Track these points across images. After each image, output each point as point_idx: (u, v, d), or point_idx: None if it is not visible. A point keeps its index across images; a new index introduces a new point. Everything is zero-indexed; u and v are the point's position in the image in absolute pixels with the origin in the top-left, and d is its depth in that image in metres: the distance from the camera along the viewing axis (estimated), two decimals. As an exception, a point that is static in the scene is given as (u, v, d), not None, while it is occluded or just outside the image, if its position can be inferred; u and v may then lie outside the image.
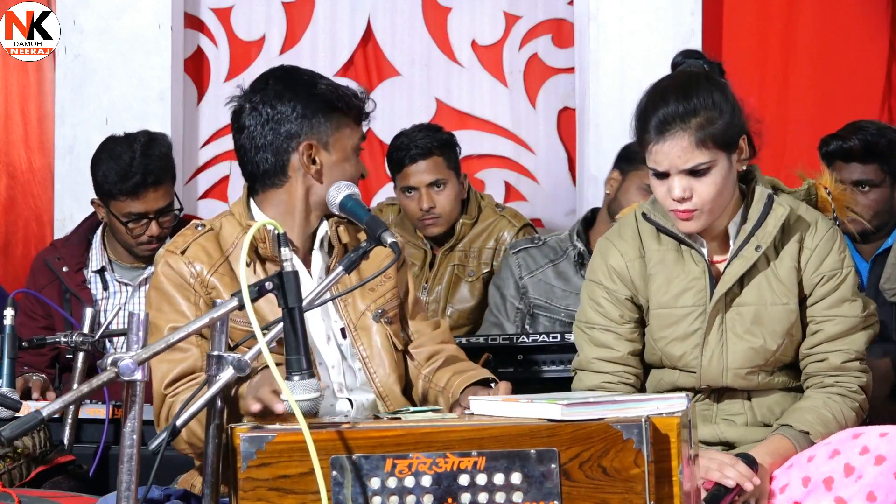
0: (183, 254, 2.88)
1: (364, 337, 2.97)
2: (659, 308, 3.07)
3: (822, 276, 3.05)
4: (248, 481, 2.33)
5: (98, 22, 5.15)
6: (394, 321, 3.03)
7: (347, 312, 2.98)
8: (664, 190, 2.97)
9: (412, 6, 5.44)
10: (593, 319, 3.12)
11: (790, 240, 3.05)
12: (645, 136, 2.97)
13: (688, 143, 2.92)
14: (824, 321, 3.06)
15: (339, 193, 2.84)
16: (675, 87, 2.99)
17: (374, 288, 3.00)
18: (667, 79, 3.06)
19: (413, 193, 4.54)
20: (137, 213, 4.13)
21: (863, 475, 2.78)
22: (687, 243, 3.05)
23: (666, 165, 2.94)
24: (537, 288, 4.27)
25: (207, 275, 2.86)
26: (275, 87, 2.95)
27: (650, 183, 3.03)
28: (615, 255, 3.11)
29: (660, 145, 2.93)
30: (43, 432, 3.27)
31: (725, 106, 2.96)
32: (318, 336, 2.95)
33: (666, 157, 2.93)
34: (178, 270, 2.86)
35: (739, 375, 3.07)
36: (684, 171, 2.93)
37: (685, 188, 2.94)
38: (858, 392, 3.06)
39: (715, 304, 3.03)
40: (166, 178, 4.16)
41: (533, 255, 4.32)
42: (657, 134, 2.93)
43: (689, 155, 2.92)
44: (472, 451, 2.33)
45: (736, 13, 5.30)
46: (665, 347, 3.08)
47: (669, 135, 2.92)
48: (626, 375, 3.10)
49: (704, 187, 2.95)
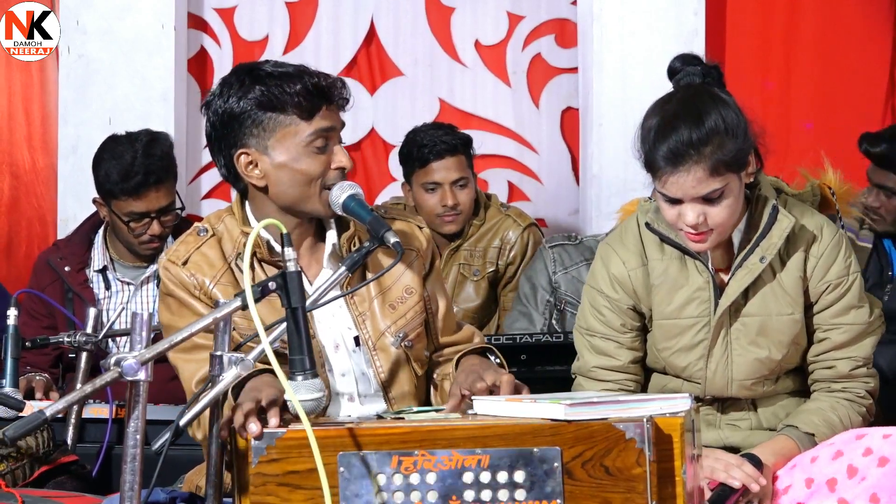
0: (185, 265, 2.82)
1: (382, 358, 2.88)
2: (662, 319, 3.04)
3: (828, 285, 3.02)
4: (258, 476, 2.36)
5: (101, 22, 5.15)
6: (417, 342, 2.92)
7: (365, 326, 2.88)
8: (675, 213, 2.91)
9: (415, 6, 5.44)
10: (594, 327, 3.09)
11: (795, 249, 3.01)
12: (654, 164, 2.88)
13: (702, 172, 2.84)
14: (831, 329, 3.03)
15: (342, 194, 2.77)
16: (684, 111, 2.89)
17: (395, 306, 2.90)
18: (672, 101, 2.95)
19: (436, 189, 4.55)
20: (139, 212, 4.13)
21: (866, 477, 2.78)
22: (690, 254, 3.01)
23: (679, 194, 2.87)
24: (570, 284, 4.28)
25: (210, 286, 2.80)
26: (219, 91, 2.83)
27: (658, 203, 2.96)
28: (617, 263, 3.07)
29: (674, 176, 2.85)
30: (46, 432, 3.27)
31: (737, 129, 2.88)
32: (327, 343, 2.87)
33: (680, 188, 2.86)
34: (180, 280, 2.82)
35: (744, 386, 3.05)
36: (697, 199, 2.88)
37: (699, 214, 2.87)
38: (866, 397, 3.05)
39: (720, 316, 3.01)
40: (168, 177, 4.16)
41: (569, 252, 4.34)
42: (670, 164, 2.85)
43: (703, 184, 2.85)
44: (476, 450, 2.34)
45: (739, 13, 5.30)
46: (669, 358, 3.07)
47: (683, 166, 2.84)
48: (626, 383, 3.08)
49: (718, 211, 2.89)
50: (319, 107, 2.79)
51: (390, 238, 2.69)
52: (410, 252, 2.93)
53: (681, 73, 3.04)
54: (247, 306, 2.31)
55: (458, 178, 4.55)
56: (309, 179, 2.78)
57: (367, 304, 2.88)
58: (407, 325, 2.90)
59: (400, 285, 2.91)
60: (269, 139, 2.78)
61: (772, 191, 3.03)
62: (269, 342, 2.30)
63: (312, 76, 2.80)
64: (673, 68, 3.07)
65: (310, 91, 2.77)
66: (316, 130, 2.78)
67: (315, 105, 2.78)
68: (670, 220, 2.94)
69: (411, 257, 2.93)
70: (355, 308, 2.88)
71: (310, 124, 2.78)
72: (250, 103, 2.77)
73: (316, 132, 2.78)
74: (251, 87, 2.77)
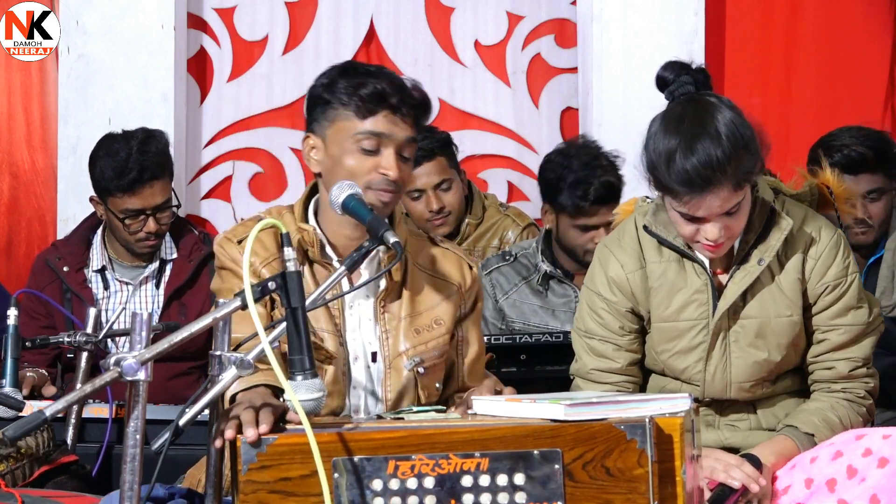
0: (239, 243, 2.84)
1: (393, 378, 2.88)
2: (661, 322, 3.04)
3: (826, 286, 3.01)
4: (248, 484, 2.32)
5: (101, 22, 5.15)
6: (430, 372, 2.91)
7: (387, 343, 2.89)
8: (693, 230, 2.89)
9: (415, 6, 5.44)
10: (593, 329, 3.08)
11: (794, 251, 3.01)
12: (674, 187, 2.84)
13: (727, 192, 2.83)
14: (830, 330, 3.03)
15: (342, 193, 2.76)
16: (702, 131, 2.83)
17: (420, 331, 2.90)
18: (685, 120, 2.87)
19: (420, 196, 4.55)
20: (134, 209, 4.13)
21: (866, 478, 2.78)
22: (689, 256, 3.01)
23: (704, 214, 2.86)
24: (513, 310, 4.28)
25: (260, 266, 2.82)
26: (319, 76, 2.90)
27: (672, 217, 2.93)
28: (615, 266, 3.05)
29: (699, 198, 2.83)
30: (46, 432, 3.26)
31: (752, 142, 2.87)
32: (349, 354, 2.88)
33: (706, 209, 2.84)
34: (232, 257, 2.84)
35: (743, 389, 3.05)
36: (719, 215, 2.87)
37: (721, 227, 2.88)
38: (866, 397, 3.05)
39: (718, 318, 3.00)
40: (163, 174, 4.16)
41: (505, 274, 4.33)
42: (696, 188, 2.81)
43: (728, 202, 2.84)
44: (475, 453, 2.33)
45: (739, 14, 5.30)
46: (668, 360, 3.06)
47: (711, 189, 2.81)
48: (625, 385, 3.08)
49: (736, 222, 2.90)
50: (378, 110, 2.79)
51: (389, 238, 2.68)
52: (450, 286, 2.95)
53: (673, 84, 2.98)
54: (246, 306, 2.31)
55: (440, 181, 4.54)
56: (350, 176, 2.79)
57: (395, 322, 2.89)
58: (426, 353, 2.90)
59: (431, 314, 2.92)
60: (329, 129, 2.83)
61: (769, 192, 3.02)
62: (268, 342, 2.30)
63: (383, 80, 2.81)
64: (664, 79, 3.00)
65: (374, 93, 2.79)
66: (367, 131, 2.79)
67: (374, 107, 2.79)
68: (686, 236, 2.93)
69: (451, 290, 2.94)
70: (383, 324, 2.89)
71: (363, 123, 2.80)
72: (327, 91, 2.83)
73: (367, 132, 2.79)
74: (336, 78, 2.84)
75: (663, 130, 2.88)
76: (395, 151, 2.81)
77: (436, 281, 2.94)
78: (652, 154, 2.88)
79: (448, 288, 2.94)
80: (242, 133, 5.44)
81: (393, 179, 2.80)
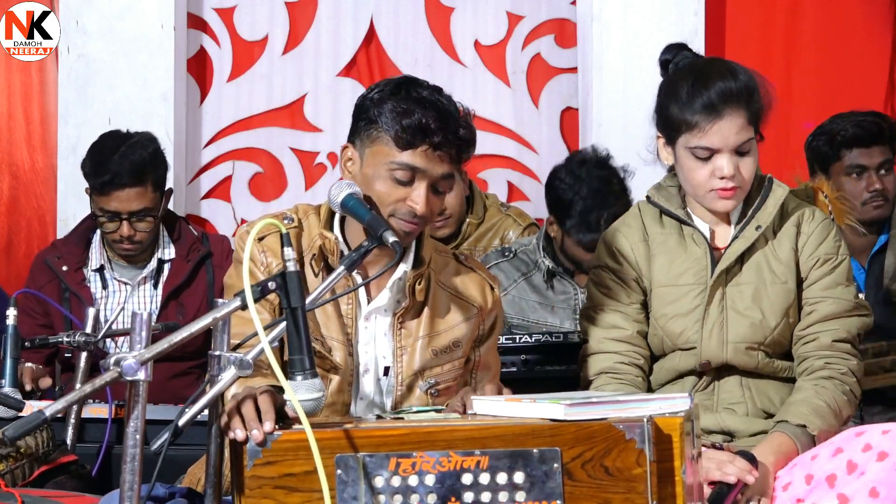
0: (260, 241, 2.84)
1: (405, 395, 2.89)
2: (661, 286, 3.14)
3: (817, 259, 3.12)
4: (253, 479, 2.35)
5: (101, 22, 5.16)
6: (445, 395, 2.90)
7: (401, 360, 2.89)
8: (708, 170, 3.04)
9: (415, 6, 5.44)
10: (600, 301, 3.18)
11: (789, 224, 3.14)
12: (691, 118, 3.01)
13: (742, 120, 3.02)
14: (818, 302, 3.11)
15: (341, 192, 2.76)
16: (716, 70, 3.07)
17: (438, 353, 2.90)
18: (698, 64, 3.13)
19: None
20: (109, 210, 4.13)
21: (865, 472, 2.79)
22: (690, 224, 3.14)
23: (720, 144, 3.01)
24: (511, 306, 4.28)
25: (276, 268, 2.79)
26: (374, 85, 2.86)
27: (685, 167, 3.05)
28: (620, 239, 3.19)
29: (718, 124, 3.00)
30: (46, 432, 3.26)
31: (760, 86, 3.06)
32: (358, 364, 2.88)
33: (721, 136, 3.01)
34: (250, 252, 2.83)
35: (739, 350, 3.11)
36: (733, 150, 3.01)
37: (734, 165, 3.02)
38: (848, 374, 3.09)
39: (715, 279, 3.10)
40: (140, 182, 4.12)
41: (504, 270, 4.32)
42: (713, 113, 2.99)
43: (742, 133, 3.02)
44: (475, 451, 2.34)
45: (739, 13, 5.31)
46: (666, 325, 3.14)
47: (727, 114, 3.00)
48: (635, 356, 3.14)
49: (746, 166, 3.05)
50: (418, 144, 2.75)
51: (389, 237, 2.68)
52: (471, 307, 2.96)
53: (675, 59, 3.18)
54: (246, 306, 2.31)
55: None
56: (378, 200, 2.77)
57: (411, 339, 2.89)
58: (441, 375, 2.92)
59: (450, 335, 2.92)
60: (368, 148, 2.80)
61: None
62: (268, 342, 2.30)
63: (430, 112, 2.75)
64: (666, 59, 3.21)
65: (417, 125, 2.74)
66: (403, 163, 2.76)
67: (414, 140, 2.74)
68: (700, 181, 3.05)
69: (471, 312, 2.96)
70: (399, 341, 2.89)
71: (401, 154, 2.75)
72: (375, 109, 2.78)
73: (402, 164, 2.76)
74: (386, 97, 2.78)
75: (678, 77, 3.10)
76: (428, 185, 2.78)
77: (457, 301, 2.94)
78: (666, 97, 3.09)
79: (469, 310, 2.95)
80: (242, 133, 5.44)
81: (420, 214, 2.78)
